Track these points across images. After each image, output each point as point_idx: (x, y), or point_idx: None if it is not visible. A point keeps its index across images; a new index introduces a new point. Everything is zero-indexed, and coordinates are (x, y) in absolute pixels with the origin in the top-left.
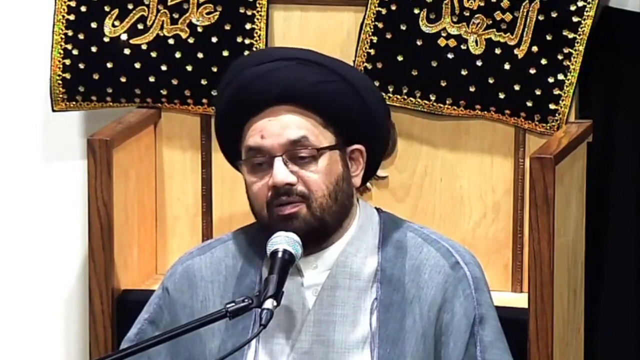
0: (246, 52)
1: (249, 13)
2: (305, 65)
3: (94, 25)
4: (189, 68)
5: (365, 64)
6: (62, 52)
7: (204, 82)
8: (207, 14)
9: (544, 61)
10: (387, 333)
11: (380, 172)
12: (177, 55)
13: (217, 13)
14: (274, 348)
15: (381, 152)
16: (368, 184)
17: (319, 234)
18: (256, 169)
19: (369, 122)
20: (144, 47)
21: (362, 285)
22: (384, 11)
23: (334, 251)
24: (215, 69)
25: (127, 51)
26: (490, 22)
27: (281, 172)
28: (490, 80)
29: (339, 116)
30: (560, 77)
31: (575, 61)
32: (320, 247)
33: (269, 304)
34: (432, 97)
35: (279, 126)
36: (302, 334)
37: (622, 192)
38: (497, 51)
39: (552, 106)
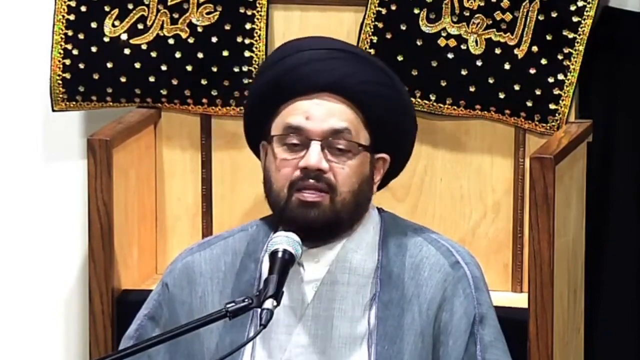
0: (246, 52)
1: (249, 13)
2: (363, 62)
3: (94, 25)
4: (189, 68)
5: None
6: (62, 52)
7: (204, 82)
8: (207, 14)
9: (544, 61)
10: (386, 330)
11: None
12: (177, 55)
13: (217, 13)
14: (272, 343)
15: (401, 168)
16: None
17: (331, 229)
18: (289, 148)
19: (402, 134)
20: (144, 47)
21: (362, 281)
22: (384, 11)
23: (336, 247)
24: (215, 69)
25: (127, 51)
26: (490, 22)
27: (316, 156)
28: (490, 80)
29: (381, 120)
30: (560, 77)
31: (575, 61)
32: (324, 242)
33: (269, 304)
34: (432, 97)
35: (325, 112)
36: (300, 328)
37: (622, 192)
38: (497, 51)
39: (552, 106)
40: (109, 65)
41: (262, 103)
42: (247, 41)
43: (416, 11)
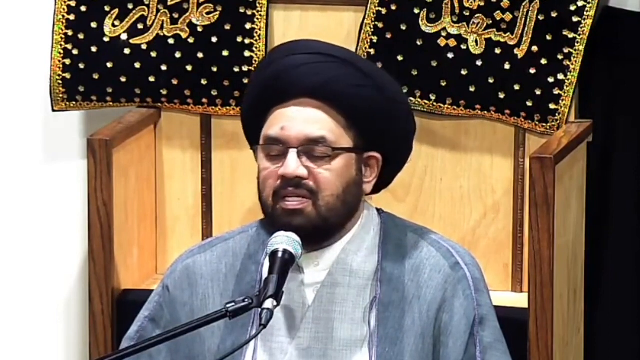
0: (246, 52)
1: (249, 13)
2: (343, 65)
3: (94, 25)
4: (189, 68)
5: None
6: (62, 52)
7: (204, 82)
8: (207, 13)
9: (544, 61)
10: (386, 332)
11: None
12: (177, 55)
13: (217, 13)
14: (273, 346)
15: (400, 165)
16: None
17: (321, 232)
18: (271, 158)
19: (392, 133)
20: (144, 47)
21: (362, 283)
22: (384, 11)
23: (336, 250)
24: (215, 69)
25: (127, 51)
26: (490, 22)
27: (293, 164)
28: (490, 80)
29: (364, 122)
30: (560, 77)
31: (575, 61)
32: (322, 246)
33: (269, 303)
34: (432, 97)
35: (302, 119)
36: (301, 331)
37: (622, 192)
38: (497, 51)
39: (552, 106)
40: (109, 65)
41: (252, 108)
42: (247, 41)
43: (416, 11)
